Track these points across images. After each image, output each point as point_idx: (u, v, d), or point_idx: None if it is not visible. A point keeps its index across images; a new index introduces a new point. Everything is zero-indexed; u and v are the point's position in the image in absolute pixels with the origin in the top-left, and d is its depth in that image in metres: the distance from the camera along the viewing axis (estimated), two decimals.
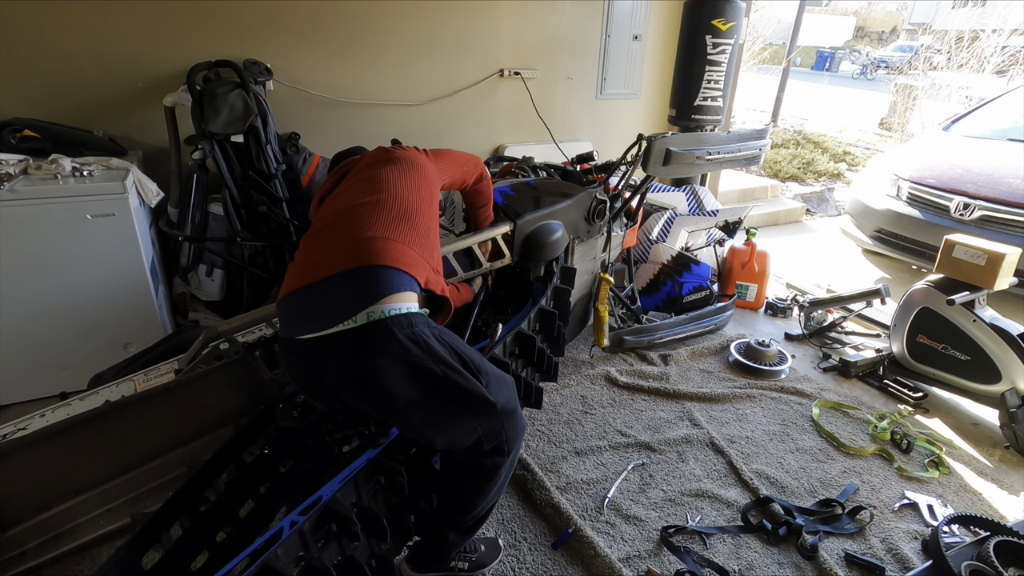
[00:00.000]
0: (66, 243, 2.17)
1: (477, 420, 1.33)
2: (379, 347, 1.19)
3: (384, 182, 1.42)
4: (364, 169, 1.51)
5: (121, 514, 1.68)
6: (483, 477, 1.43)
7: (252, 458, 1.52)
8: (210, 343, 1.73)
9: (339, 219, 1.36)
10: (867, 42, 23.92)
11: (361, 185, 1.44)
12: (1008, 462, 2.26)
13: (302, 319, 1.25)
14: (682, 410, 2.46)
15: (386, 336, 1.19)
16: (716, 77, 3.70)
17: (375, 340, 1.19)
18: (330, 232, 1.34)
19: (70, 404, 1.64)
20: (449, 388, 1.26)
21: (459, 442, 1.35)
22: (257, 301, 2.78)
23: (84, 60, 2.56)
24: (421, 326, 1.25)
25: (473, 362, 1.33)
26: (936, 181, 3.66)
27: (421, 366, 1.22)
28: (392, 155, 1.54)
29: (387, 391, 1.21)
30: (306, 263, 1.31)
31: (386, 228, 1.32)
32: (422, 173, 1.52)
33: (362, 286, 1.22)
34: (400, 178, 1.45)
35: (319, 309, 1.23)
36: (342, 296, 1.22)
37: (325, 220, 1.39)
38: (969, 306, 2.38)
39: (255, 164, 2.68)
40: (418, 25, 3.27)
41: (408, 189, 1.43)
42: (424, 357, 1.22)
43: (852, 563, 1.77)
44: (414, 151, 1.61)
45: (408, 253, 1.31)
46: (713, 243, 3.48)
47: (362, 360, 1.20)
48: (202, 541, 1.35)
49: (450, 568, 1.63)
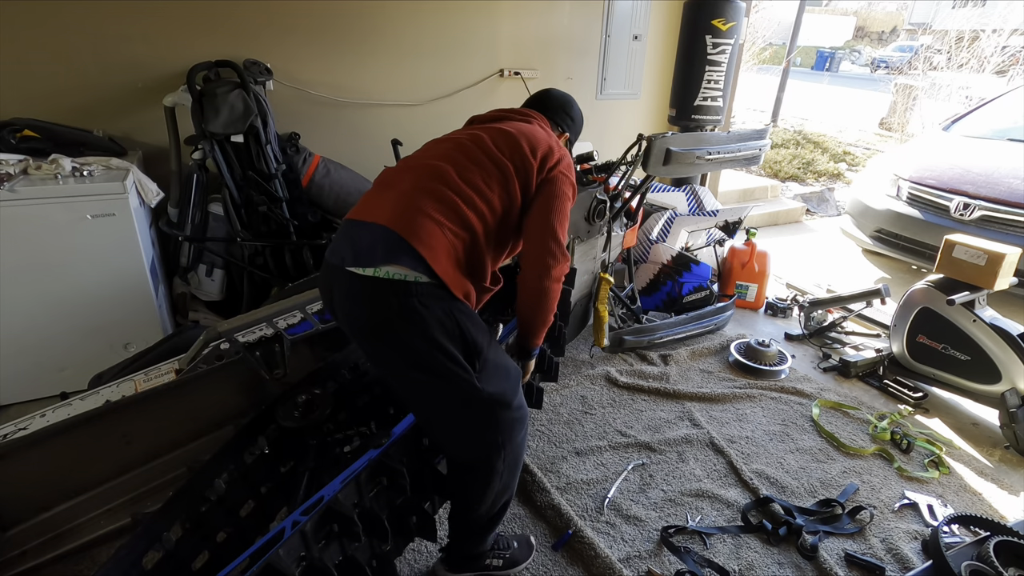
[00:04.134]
0: (66, 243, 2.17)
1: (463, 407, 1.33)
2: (370, 299, 1.25)
3: (480, 186, 1.37)
4: (491, 132, 1.47)
5: (121, 514, 1.67)
6: (480, 472, 1.40)
7: (253, 458, 1.53)
8: (210, 343, 1.73)
9: (417, 166, 1.38)
10: (867, 42, 23.94)
11: (469, 152, 1.40)
12: (1008, 462, 2.26)
13: (338, 247, 1.32)
14: (682, 410, 2.46)
15: (381, 293, 1.24)
16: (716, 77, 3.70)
17: (370, 292, 1.25)
18: (405, 173, 1.38)
19: (71, 404, 1.64)
20: (433, 366, 1.26)
21: (442, 424, 1.37)
22: (257, 301, 2.78)
23: (84, 60, 2.56)
24: (422, 296, 1.25)
25: (475, 345, 1.31)
26: (936, 181, 3.66)
27: (401, 335, 1.25)
28: (520, 149, 1.44)
29: (375, 342, 1.30)
30: (373, 197, 1.37)
31: (440, 200, 1.32)
32: (511, 187, 1.41)
33: (383, 247, 1.26)
34: (501, 183, 1.40)
35: (349, 242, 1.30)
36: (370, 244, 1.27)
37: (420, 161, 1.40)
38: (969, 306, 2.38)
39: (255, 164, 2.68)
40: (418, 25, 3.27)
41: (498, 198, 1.39)
42: (409, 327, 1.24)
43: (852, 563, 1.77)
44: (560, 176, 1.47)
45: (452, 270, 1.30)
46: (713, 243, 3.49)
47: (356, 305, 1.28)
48: (203, 541, 1.35)
49: (485, 567, 1.62)
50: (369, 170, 3.13)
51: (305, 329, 1.85)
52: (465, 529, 1.54)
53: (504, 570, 1.66)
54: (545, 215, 1.43)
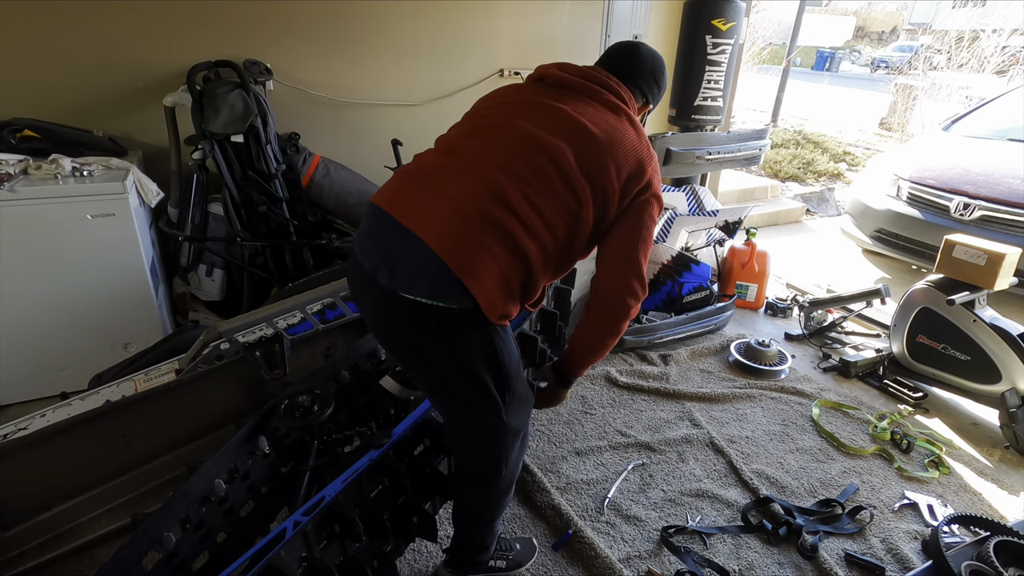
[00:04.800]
0: (66, 243, 2.17)
1: (482, 432, 1.32)
2: (406, 320, 1.17)
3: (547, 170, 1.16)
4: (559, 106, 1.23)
5: (121, 514, 1.67)
6: (480, 482, 1.42)
7: (253, 458, 1.52)
8: (210, 343, 1.73)
9: (471, 167, 1.16)
10: (867, 42, 23.94)
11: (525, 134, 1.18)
12: (1008, 462, 2.26)
13: (369, 250, 1.19)
14: (682, 410, 2.46)
15: (419, 317, 1.15)
16: (716, 77, 3.70)
17: (407, 313, 1.16)
18: (455, 174, 1.17)
19: (71, 404, 1.64)
20: (463, 396, 1.24)
21: (457, 435, 1.36)
22: (257, 301, 2.78)
23: (84, 60, 2.56)
24: (463, 325, 1.18)
25: (507, 376, 1.26)
26: (936, 181, 3.66)
27: (437, 362, 1.21)
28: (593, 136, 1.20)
29: (405, 361, 1.28)
30: (415, 191, 1.18)
31: (498, 247, 1.13)
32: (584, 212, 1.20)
33: (415, 273, 1.14)
34: (573, 213, 1.19)
35: (386, 254, 1.16)
36: (412, 267, 1.13)
37: (474, 161, 1.18)
38: (969, 306, 2.38)
39: (255, 164, 2.68)
40: (418, 25, 3.26)
41: (565, 227, 1.20)
42: (445, 353, 1.19)
43: (852, 563, 1.77)
44: (650, 201, 1.27)
45: (499, 300, 1.16)
46: (713, 243, 3.48)
47: (389, 321, 1.21)
48: (203, 541, 1.35)
49: (488, 568, 1.63)
50: (369, 170, 3.13)
51: (305, 329, 1.85)
52: (465, 531, 1.55)
53: (507, 571, 1.66)
54: (629, 247, 1.25)
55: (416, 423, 1.53)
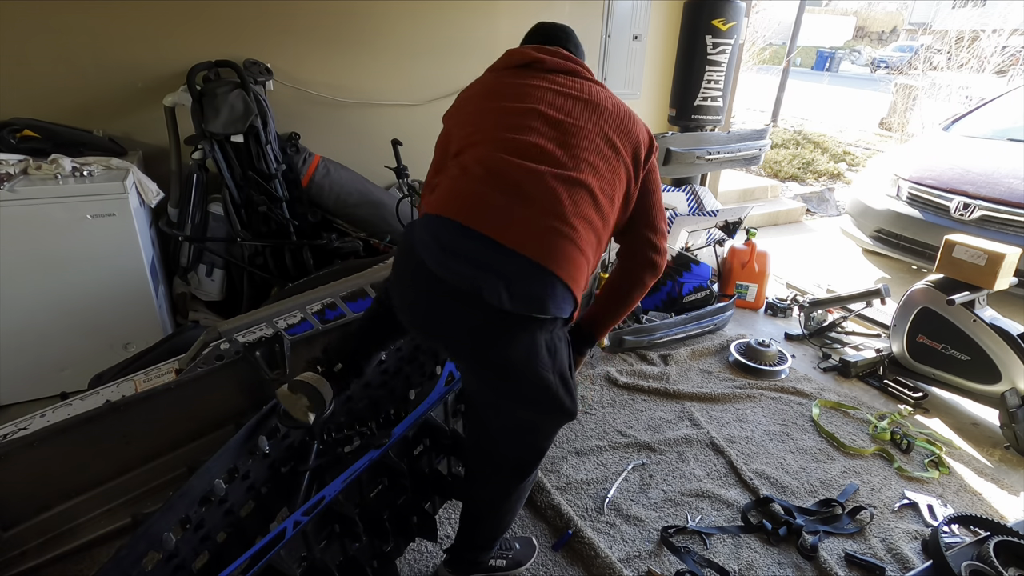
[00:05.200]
0: (66, 243, 2.17)
1: (550, 422, 1.31)
2: (497, 333, 1.10)
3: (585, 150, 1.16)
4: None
5: (121, 514, 1.67)
6: (514, 472, 1.40)
7: (253, 458, 1.52)
8: (210, 343, 1.73)
9: (575, 196, 1.13)
10: (867, 42, 23.94)
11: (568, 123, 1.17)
12: (1008, 462, 2.26)
13: (450, 254, 1.09)
14: (682, 410, 2.46)
15: (510, 327, 1.09)
16: (716, 77, 3.70)
17: (512, 332, 1.10)
18: (514, 186, 1.12)
19: (70, 404, 1.64)
20: (555, 393, 1.20)
21: (519, 424, 1.31)
22: (257, 301, 2.78)
23: (84, 60, 2.56)
24: (558, 330, 1.17)
25: (571, 367, 1.26)
26: (936, 181, 3.66)
27: (526, 374, 1.15)
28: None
29: (481, 372, 1.20)
30: (479, 198, 1.12)
31: (578, 220, 1.12)
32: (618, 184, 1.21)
33: (530, 289, 1.09)
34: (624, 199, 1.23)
35: (471, 268, 1.08)
36: (505, 279, 1.07)
37: (558, 157, 1.15)
38: (969, 306, 2.38)
39: (255, 164, 2.68)
40: (418, 25, 3.27)
41: (616, 215, 1.23)
42: (533, 364, 1.14)
43: (852, 563, 1.77)
44: (655, 165, 1.31)
45: (581, 282, 1.15)
46: (713, 243, 3.48)
47: (491, 344, 1.11)
48: (203, 541, 1.35)
49: (488, 568, 1.63)
50: (369, 170, 3.13)
51: (305, 329, 1.85)
52: (474, 534, 1.54)
53: (507, 571, 1.66)
54: (652, 215, 1.30)
55: (416, 423, 1.53)
